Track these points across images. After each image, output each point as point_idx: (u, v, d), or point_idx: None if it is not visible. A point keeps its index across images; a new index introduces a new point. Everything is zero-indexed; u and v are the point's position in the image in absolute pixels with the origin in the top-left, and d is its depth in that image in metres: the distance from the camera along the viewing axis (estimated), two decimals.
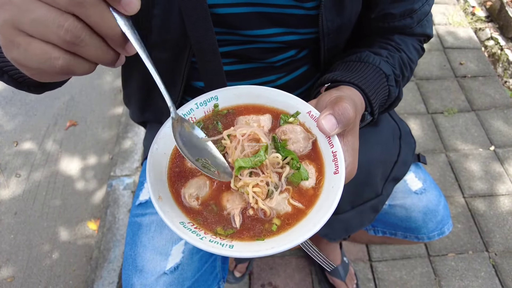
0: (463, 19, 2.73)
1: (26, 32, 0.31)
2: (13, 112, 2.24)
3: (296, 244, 0.40)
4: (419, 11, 0.71)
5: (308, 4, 0.60)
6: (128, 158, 1.86)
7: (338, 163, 0.45)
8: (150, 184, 0.44)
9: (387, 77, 0.65)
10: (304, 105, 0.51)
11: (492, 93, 2.20)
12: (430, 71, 2.33)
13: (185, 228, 0.42)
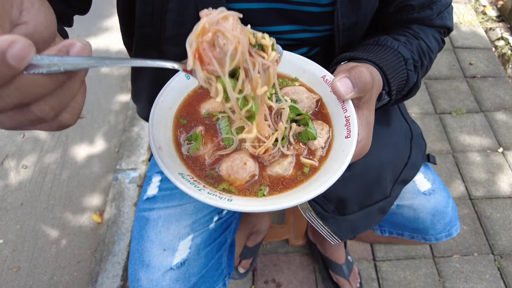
0: (474, 19, 2.69)
1: None
2: None
3: (298, 203, 0.38)
4: (439, 2, 0.69)
5: (324, 1, 0.59)
6: (134, 151, 1.86)
7: (351, 128, 0.43)
8: (151, 134, 0.43)
9: (406, 61, 0.63)
10: (319, 69, 0.49)
11: (502, 94, 2.17)
12: (439, 70, 2.30)
13: (183, 179, 0.40)
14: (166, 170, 0.40)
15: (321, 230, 0.51)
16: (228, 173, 0.42)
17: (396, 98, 0.67)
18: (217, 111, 0.48)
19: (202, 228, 0.79)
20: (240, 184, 0.42)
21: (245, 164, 0.42)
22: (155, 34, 0.61)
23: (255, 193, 0.41)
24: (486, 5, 2.91)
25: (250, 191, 0.41)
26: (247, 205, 0.38)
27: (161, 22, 0.58)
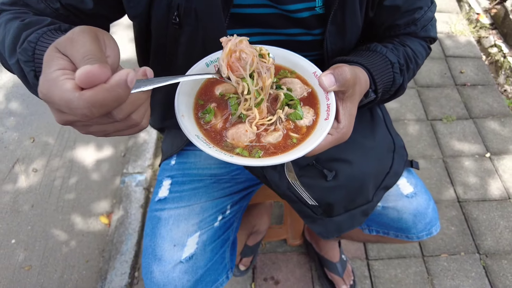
0: (465, 28, 2.80)
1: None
2: (31, 110, 2.35)
3: (281, 162, 0.51)
4: (422, 18, 0.79)
5: (315, 31, 0.70)
6: (140, 156, 1.96)
7: (330, 113, 0.55)
8: (177, 104, 0.55)
9: (392, 65, 0.72)
10: (311, 66, 0.61)
11: (490, 101, 2.28)
12: (431, 78, 2.41)
13: (198, 139, 0.52)
14: (186, 131, 0.52)
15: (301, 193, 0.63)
16: (233, 137, 0.55)
17: (384, 97, 0.77)
18: (229, 92, 0.60)
19: (208, 226, 0.88)
20: (241, 147, 0.54)
21: (246, 131, 0.55)
22: (168, 63, 0.71)
23: (253, 155, 0.53)
24: (479, 13, 3.02)
25: (249, 154, 0.54)
26: (244, 160, 0.51)
27: (174, 53, 0.68)
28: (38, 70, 0.54)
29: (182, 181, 0.93)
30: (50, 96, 0.36)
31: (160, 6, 0.64)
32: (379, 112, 0.94)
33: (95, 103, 0.34)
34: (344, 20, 0.69)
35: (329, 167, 0.81)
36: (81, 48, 0.37)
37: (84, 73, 0.34)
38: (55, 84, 0.36)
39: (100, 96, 0.34)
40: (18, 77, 0.60)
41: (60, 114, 0.38)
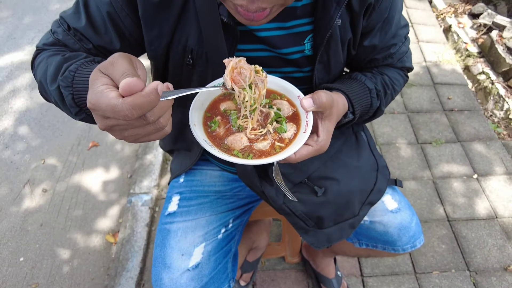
0: (452, 57, 2.98)
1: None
2: (41, 132, 2.48)
3: (267, 162, 0.63)
4: (397, 52, 0.92)
5: (305, 69, 0.83)
6: (147, 177, 2.06)
7: (307, 127, 0.68)
8: (190, 116, 0.67)
9: (370, 90, 0.85)
10: (297, 90, 0.75)
11: (477, 125, 2.41)
12: (421, 104, 2.55)
13: (205, 142, 0.65)
14: (196, 136, 0.64)
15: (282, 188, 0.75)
16: (231, 142, 0.69)
17: (364, 118, 0.90)
18: (230, 109, 0.74)
19: (212, 238, 0.98)
20: (237, 150, 0.68)
21: (241, 139, 0.68)
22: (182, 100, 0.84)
23: (245, 157, 0.67)
24: (467, 42, 3.21)
25: (242, 156, 0.67)
26: (238, 160, 0.63)
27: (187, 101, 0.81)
28: (75, 93, 0.65)
29: (189, 197, 1.04)
30: (98, 105, 0.47)
31: (177, 50, 0.77)
32: (363, 136, 1.06)
33: (135, 106, 0.45)
34: (328, 59, 0.82)
35: (319, 184, 0.92)
36: (120, 68, 0.49)
37: (126, 84, 0.45)
38: (101, 95, 0.47)
39: (138, 100, 0.45)
40: (55, 101, 0.72)
41: (104, 119, 0.50)
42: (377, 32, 0.84)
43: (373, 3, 0.76)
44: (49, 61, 0.72)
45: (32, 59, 0.81)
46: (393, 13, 0.83)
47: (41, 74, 0.73)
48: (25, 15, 3.52)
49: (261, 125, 0.70)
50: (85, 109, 0.67)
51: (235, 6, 0.59)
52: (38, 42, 0.81)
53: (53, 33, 0.78)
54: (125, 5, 0.71)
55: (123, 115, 0.46)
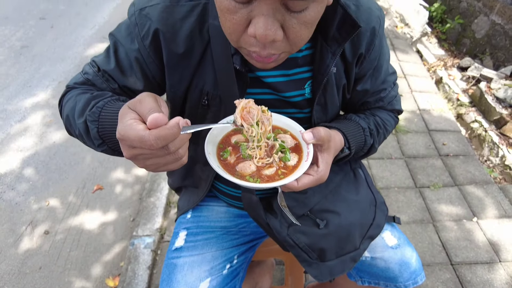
0: (444, 106, 3.14)
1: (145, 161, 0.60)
2: (48, 175, 2.53)
3: (273, 185, 0.70)
4: (387, 96, 1.02)
5: (305, 110, 0.92)
6: (150, 220, 2.08)
7: (308, 157, 0.75)
8: (206, 147, 0.74)
9: (363, 129, 0.94)
10: (299, 126, 0.84)
11: (472, 170, 2.48)
12: (417, 150, 2.64)
13: (219, 168, 0.71)
14: (211, 163, 0.71)
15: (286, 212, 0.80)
16: (241, 169, 0.76)
17: (359, 154, 0.97)
18: (240, 141, 0.81)
19: (218, 273, 1.00)
20: (246, 175, 0.75)
21: (250, 165, 0.76)
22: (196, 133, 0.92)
23: (253, 181, 0.73)
24: (459, 93, 3.39)
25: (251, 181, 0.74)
26: (247, 183, 0.70)
27: (199, 139, 0.90)
28: (100, 127, 0.72)
29: (196, 232, 1.08)
30: (127, 135, 0.54)
31: (195, 93, 0.87)
32: (361, 172, 1.12)
33: (159, 137, 0.52)
34: (326, 102, 0.92)
35: (321, 217, 0.97)
36: (147, 105, 0.57)
37: (153, 118, 0.53)
38: (130, 127, 0.54)
39: (162, 132, 0.52)
40: (79, 133, 0.79)
41: (130, 149, 0.57)
42: (368, 78, 0.95)
43: (363, 53, 0.87)
44: (78, 98, 0.81)
45: (62, 96, 0.90)
46: (382, 62, 0.94)
47: (69, 109, 0.81)
48: (42, 66, 3.75)
49: (267, 155, 0.78)
50: (107, 142, 0.75)
51: (249, 52, 0.68)
52: (69, 82, 0.91)
53: (83, 74, 0.88)
54: (152, 53, 0.82)
55: (149, 145, 0.53)
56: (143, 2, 0.82)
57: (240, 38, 0.65)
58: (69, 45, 4.13)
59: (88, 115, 0.73)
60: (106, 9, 5.04)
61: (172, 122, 0.54)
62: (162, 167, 0.61)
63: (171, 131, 0.54)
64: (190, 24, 0.79)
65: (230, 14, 0.61)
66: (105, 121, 0.72)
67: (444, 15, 4.47)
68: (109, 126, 0.72)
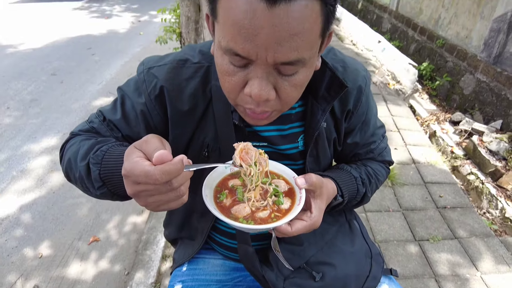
0: (438, 159, 3.20)
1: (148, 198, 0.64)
2: (44, 225, 2.51)
3: (265, 227, 0.72)
4: (377, 148, 1.08)
5: (299, 162, 0.98)
6: (145, 273, 2.03)
7: (301, 201, 0.78)
8: (203, 189, 0.77)
9: (355, 178, 0.97)
10: (292, 172, 0.87)
11: (471, 222, 2.47)
12: (414, 202, 2.66)
13: (215, 209, 0.73)
14: (208, 204, 0.73)
15: (278, 255, 0.81)
16: (236, 211, 0.78)
17: (353, 203, 1.01)
18: (236, 185, 0.84)
19: None
20: (240, 217, 0.77)
21: (245, 208, 0.78)
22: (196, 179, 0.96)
23: (247, 223, 0.75)
24: (453, 146, 3.48)
25: (245, 223, 0.75)
26: (241, 225, 0.71)
27: (200, 176, 0.94)
28: (102, 169, 0.76)
29: (191, 285, 1.07)
30: (133, 171, 0.57)
31: (196, 145, 0.92)
32: (356, 224, 1.14)
33: (165, 171, 0.56)
34: (317, 154, 0.97)
35: (317, 269, 0.97)
36: (153, 145, 0.62)
37: (159, 154, 0.57)
38: (137, 163, 0.58)
39: (167, 167, 0.56)
40: (79, 176, 0.81)
41: (134, 185, 0.60)
42: (357, 132, 1.02)
43: (351, 109, 0.95)
44: (82, 143, 0.86)
45: (65, 142, 0.94)
46: (369, 116, 1.02)
47: (72, 152, 0.85)
48: (48, 118, 3.89)
49: (262, 198, 0.82)
50: (108, 184, 0.78)
51: (245, 109, 0.75)
52: (74, 129, 0.96)
53: (89, 122, 0.94)
54: (157, 107, 0.89)
55: (153, 179, 0.57)
56: (152, 62, 0.90)
57: (237, 97, 0.72)
58: (76, 99, 4.33)
59: (91, 158, 0.77)
60: (114, 67, 5.35)
61: (177, 159, 0.59)
62: (163, 205, 0.64)
63: (176, 166, 0.58)
64: (195, 84, 0.87)
65: (228, 76, 0.69)
66: (108, 164, 0.76)
67: (433, 73, 4.74)
68: (111, 169, 0.75)
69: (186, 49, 0.93)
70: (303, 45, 0.61)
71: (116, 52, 5.96)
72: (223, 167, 0.87)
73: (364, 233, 1.13)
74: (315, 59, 0.71)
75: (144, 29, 7.22)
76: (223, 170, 0.87)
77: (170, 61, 0.89)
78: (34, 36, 6.80)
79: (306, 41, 0.61)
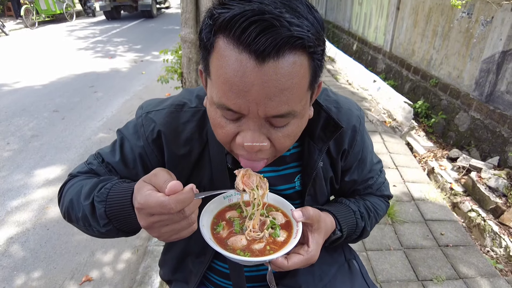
0: (438, 195, 3.18)
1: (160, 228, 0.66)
2: (35, 265, 2.43)
3: (261, 260, 0.72)
4: (375, 184, 1.08)
5: (296, 201, 0.98)
6: None
7: (297, 234, 0.78)
8: (201, 219, 0.77)
9: (354, 212, 0.97)
10: (289, 205, 0.87)
11: (475, 261, 2.40)
12: (416, 240, 2.60)
13: (211, 240, 0.73)
14: (204, 235, 0.74)
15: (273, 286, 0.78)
16: (232, 243, 0.78)
17: (352, 237, 1.00)
18: (234, 216, 0.85)
19: None
20: (237, 249, 0.77)
21: (241, 240, 0.78)
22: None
23: (244, 255, 0.75)
24: (452, 183, 3.47)
25: (242, 254, 0.75)
26: (237, 256, 0.71)
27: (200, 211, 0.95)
28: (107, 207, 0.76)
29: None
30: (147, 203, 0.60)
31: None
32: (355, 264, 1.12)
33: (179, 200, 0.59)
34: (315, 192, 0.98)
35: None
36: (162, 177, 0.64)
37: (172, 185, 0.60)
38: (150, 196, 0.61)
39: (181, 196, 0.60)
40: (83, 216, 0.81)
41: (148, 217, 0.62)
42: (354, 170, 1.02)
43: (347, 148, 0.96)
44: (84, 182, 0.86)
45: (63, 183, 0.94)
46: (366, 153, 1.03)
47: (74, 192, 0.86)
48: (48, 154, 3.89)
49: (259, 230, 0.82)
50: (113, 221, 0.77)
51: (238, 156, 0.76)
52: (72, 170, 0.97)
53: (88, 164, 0.95)
54: (155, 149, 0.90)
55: (168, 208, 0.60)
56: (150, 106, 0.93)
57: (231, 145, 0.74)
58: (76, 135, 4.37)
59: (96, 196, 0.78)
60: (115, 104, 5.46)
61: (188, 188, 0.62)
62: (176, 235, 0.66)
63: (188, 195, 0.61)
64: (191, 127, 0.90)
65: (220, 128, 0.71)
66: (113, 201, 0.76)
67: (428, 110, 4.84)
68: (117, 205, 0.76)
69: (184, 93, 0.96)
70: (293, 98, 0.64)
71: (118, 90, 6.11)
72: (222, 197, 0.88)
73: (364, 274, 1.11)
74: (306, 110, 0.73)
75: (146, 68, 7.46)
76: (221, 202, 0.88)
77: (168, 106, 0.91)
78: (39, 74, 7.00)
79: (295, 94, 0.64)
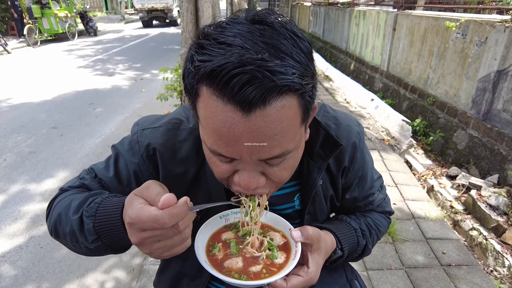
0: (438, 214, 3.15)
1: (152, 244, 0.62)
2: (26, 285, 2.36)
3: (259, 284, 0.68)
4: (376, 200, 1.05)
5: (296, 221, 0.96)
6: None
7: (296, 255, 0.75)
8: (196, 241, 0.74)
9: (355, 230, 0.94)
10: (288, 224, 0.84)
11: (479, 282, 2.35)
12: (417, 260, 2.55)
13: (206, 263, 0.71)
14: (199, 257, 0.71)
15: None
16: (228, 265, 0.75)
17: (353, 256, 0.96)
18: (229, 238, 0.82)
19: None
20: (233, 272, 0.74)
21: (237, 263, 0.75)
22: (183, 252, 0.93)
23: (240, 278, 0.72)
24: (452, 201, 3.43)
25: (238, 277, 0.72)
26: (232, 280, 0.68)
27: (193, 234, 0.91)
28: (96, 222, 0.72)
29: None
30: (139, 218, 0.57)
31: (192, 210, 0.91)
32: (357, 284, 1.08)
33: (172, 214, 0.56)
34: (315, 211, 0.96)
35: None
36: (155, 190, 0.61)
37: (166, 198, 0.57)
38: (142, 210, 0.57)
39: (175, 210, 0.56)
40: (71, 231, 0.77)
41: (139, 232, 0.59)
42: (355, 187, 1.00)
43: (347, 166, 0.94)
44: (74, 197, 0.83)
45: (53, 197, 0.91)
46: (366, 170, 1.00)
47: (63, 207, 0.82)
48: (44, 171, 3.86)
49: (257, 250, 0.79)
50: (102, 237, 0.73)
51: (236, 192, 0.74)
52: (64, 185, 0.93)
53: (80, 178, 0.92)
54: (150, 166, 0.87)
55: (162, 223, 0.56)
56: (146, 123, 0.90)
57: (228, 181, 0.72)
58: (74, 152, 4.35)
59: (85, 211, 0.74)
60: (114, 121, 5.46)
61: (182, 201, 0.58)
62: (168, 251, 0.62)
63: (182, 208, 0.58)
64: (188, 146, 0.86)
65: (216, 167, 0.69)
66: (102, 216, 0.72)
67: (426, 129, 4.86)
68: (106, 221, 0.72)
69: (180, 111, 0.93)
70: (285, 140, 0.62)
71: (117, 107, 6.13)
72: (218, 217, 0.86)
73: None
74: (302, 141, 0.71)
75: (146, 86, 7.51)
76: (217, 222, 0.85)
77: (164, 123, 0.89)
78: (39, 91, 7.04)
79: (287, 136, 0.62)
